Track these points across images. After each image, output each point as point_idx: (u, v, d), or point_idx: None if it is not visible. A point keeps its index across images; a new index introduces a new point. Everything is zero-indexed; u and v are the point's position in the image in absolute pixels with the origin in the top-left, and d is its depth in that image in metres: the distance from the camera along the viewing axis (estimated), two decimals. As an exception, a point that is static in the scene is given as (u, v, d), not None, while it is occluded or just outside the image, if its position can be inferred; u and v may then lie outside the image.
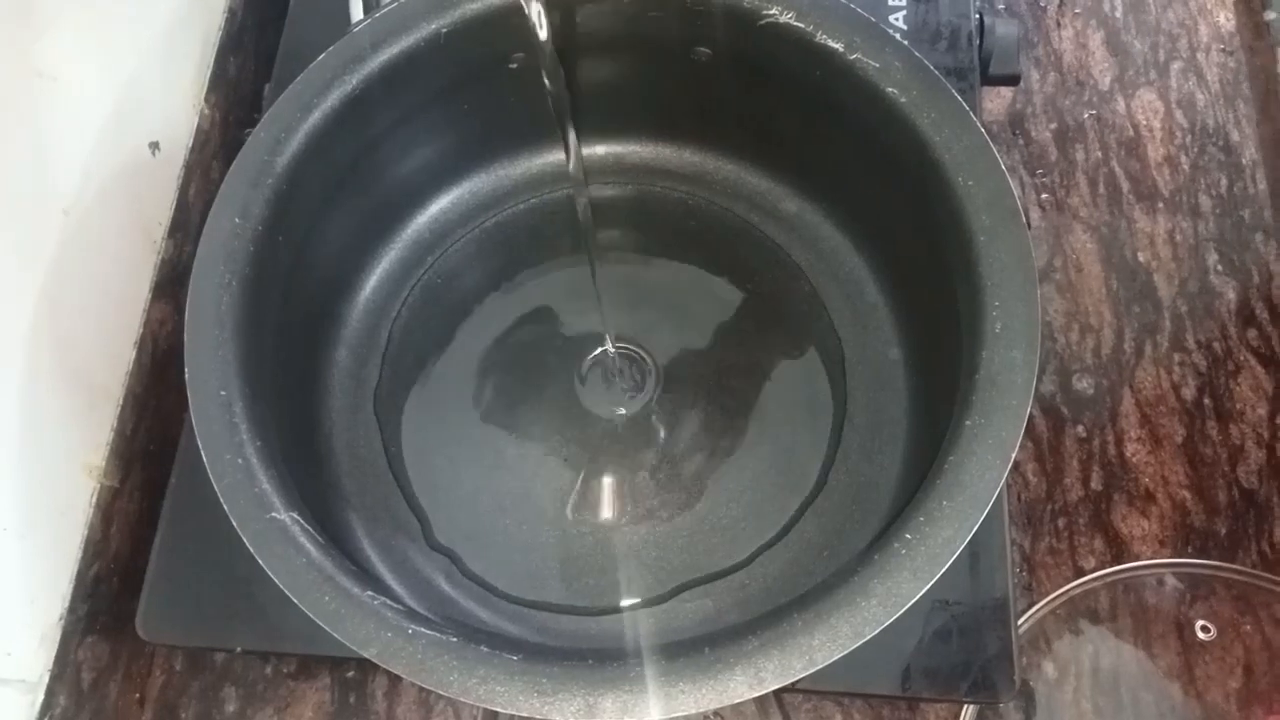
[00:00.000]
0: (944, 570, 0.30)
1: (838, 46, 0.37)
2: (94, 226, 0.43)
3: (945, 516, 0.31)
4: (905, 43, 0.37)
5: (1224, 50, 0.59)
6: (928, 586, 0.30)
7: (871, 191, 0.43)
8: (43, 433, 0.41)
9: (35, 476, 0.41)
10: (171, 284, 0.48)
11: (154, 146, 0.48)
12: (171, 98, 0.50)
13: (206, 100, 0.52)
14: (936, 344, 0.39)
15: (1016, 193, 0.35)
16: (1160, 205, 0.56)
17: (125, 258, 0.47)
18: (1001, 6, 0.61)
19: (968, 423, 0.32)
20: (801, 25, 0.38)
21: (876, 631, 0.29)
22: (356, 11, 0.51)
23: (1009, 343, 0.32)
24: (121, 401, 0.46)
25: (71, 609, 0.42)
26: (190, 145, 0.50)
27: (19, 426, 0.39)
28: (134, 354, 0.47)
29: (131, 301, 0.47)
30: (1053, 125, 0.58)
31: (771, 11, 0.38)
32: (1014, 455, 0.31)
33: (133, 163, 0.46)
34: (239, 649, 0.43)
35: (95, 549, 0.44)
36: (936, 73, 0.37)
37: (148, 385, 0.47)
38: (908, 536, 0.30)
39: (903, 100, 0.36)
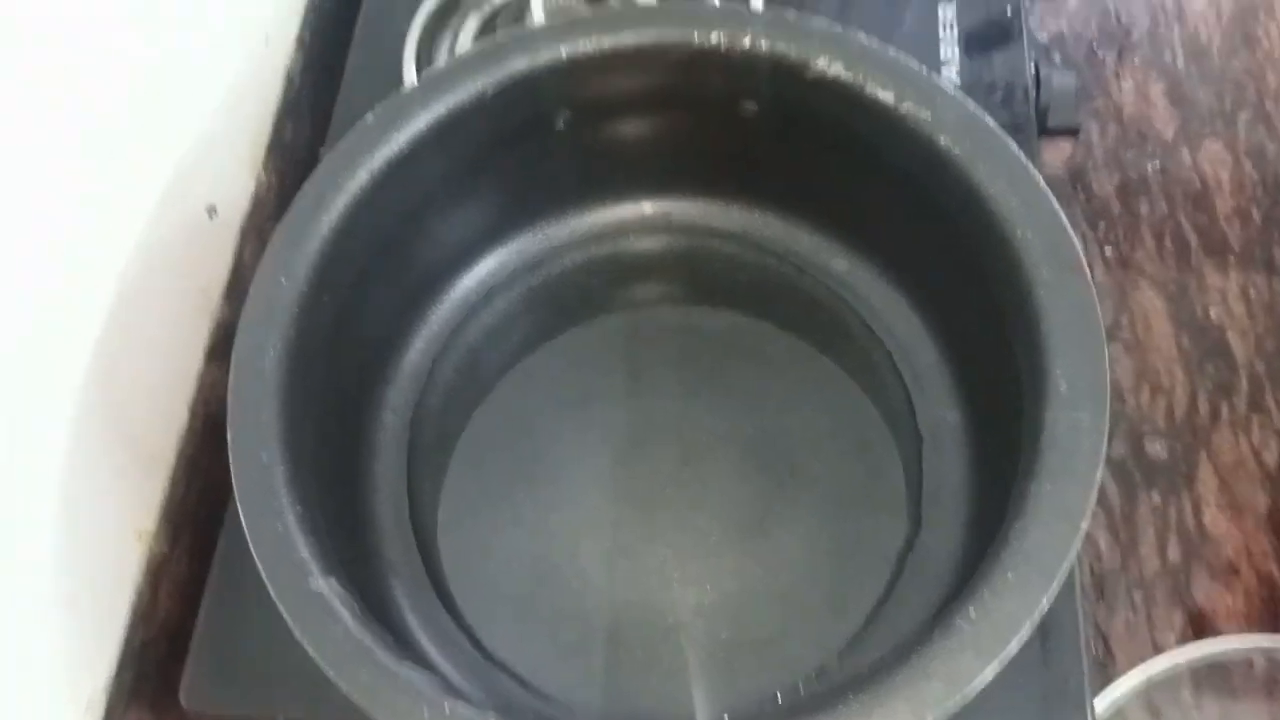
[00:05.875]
0: (1011, 648, 0.28)
1: (887, 98, 0.37)
2: (150, 291, 0.44)
3: (1011, 589, 0.29)
4: (957, 92, 0.36)
5: (1295, 99, 0.57)
6: (995, 666, 0.28)
7: (925, 247, 0.42)
8: (93, 497, 0.41)
9: (85, 541, 0.41)
10: (226, 347, 0.48)
11: (211, 211, 0.48)
12: (229, 163, 0.50)
13: (264, 165, 0.52)
14: (997, 406, 0.37)
15: (1080, 249, 0.34)
16: (1231, 260, 0.54)
17: (180, 321, 0.47)
18: (1058, 58, 0.60)
19: (1033, 488, 0.30)
20: (850, 77, 0.37)
21: (940, 716, 0.28)
22: (410, 76, 0.52)
23: (1075, 403, 0.31)
24: (173, 465, 0.46)
25: (118, 676, 0.42)
26: (247, 210, 0.51)
27: (69, 490, 0.39)
28: (187, 417, 0.47)
29: (186, 364, 0.47)
30: (1115, 179, 0.56)
31: (819, 64, 0.37)
32: (1085, 523, 0.30)
33: (189, 226, 0.47)
34: (282, 719, 0.43)
35: (143, 615, 0.43)
36: (990, 121, 0.36)
37: (199, 448, 0.47)
38: (971, 612, 0.29)
39: (955, 151, 0.35)
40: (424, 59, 0.53)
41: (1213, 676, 0.45)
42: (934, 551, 0.40)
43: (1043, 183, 0.34)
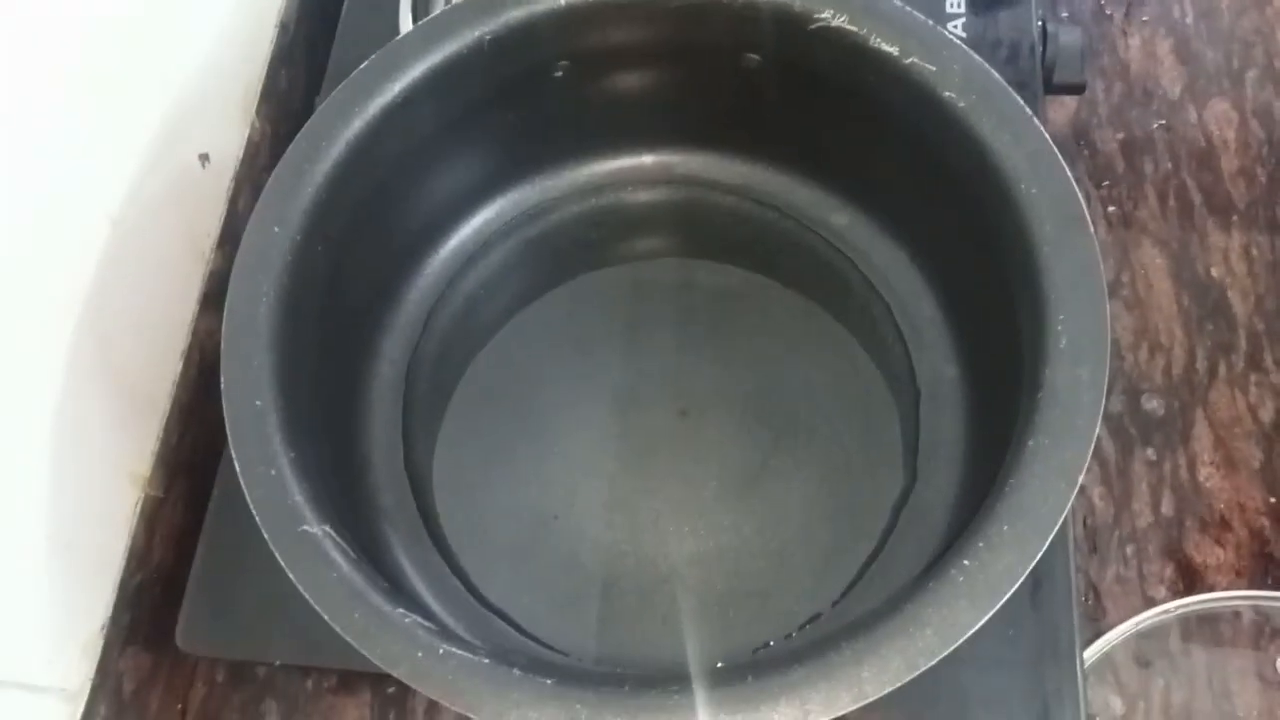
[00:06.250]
0: (1004, 600, 0.28)
1: (892, 50, 0.36)
2: (142, 237, 0.43)
3: (1006, 542, 0.29)
4: (962, 46, 0.36)
5: (1304, 57, 0.57)
6: (986, 617, 0.28)
7: (927, 201, 0.41)
8: (88, 442, 0.41)
9: (80, 485, 0.41)
10: (220, 295, 0.47)
11: (204, 159, 0.48)
12: (222, 110, 0.50)
13: (257, 113, 0.52)
14: (996, 361, 0.37)
15: (1082, 203, 0.33)
16: (1235, 219, 0.53)
17: (174, 269, 0.47)
18: (1065, 15, 0.59)
19: (1030, 443, 0.30)
20: (855, 29, 0.36)
21: (931, 664, 0.28)
22: (406, 24, 0.51)
23: (1075, 359, 0.31)
24: (168, 412, 0.46)
25: (114, 619, 0.42)
26: (240, 158, 0.51)
27: (64, 435, 0.39)
28: (181, 365, 0.47)
29: (179, 312, 0.47)
30: (1119, 136, 0.56)
31: (823, 15, 0.37)
32: (1080, 478, 0.30)
33: (182, 175, 0.47)
34: (277, 663, 0.43)
35: (139, 559, 0.44)
36: (996, 76, 0.35)
37: (194, 395, 0.47)
38: (965, 563, 0.29)
39: (960, 104, 0.35)
40: (421, 7, 0.52)
41: (1202, 628, 0.45)
42: (930, 505, 0.40)
43: (1048, 138, 0.34)
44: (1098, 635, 0.45)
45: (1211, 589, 0.46)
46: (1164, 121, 0.56)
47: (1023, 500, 0.29)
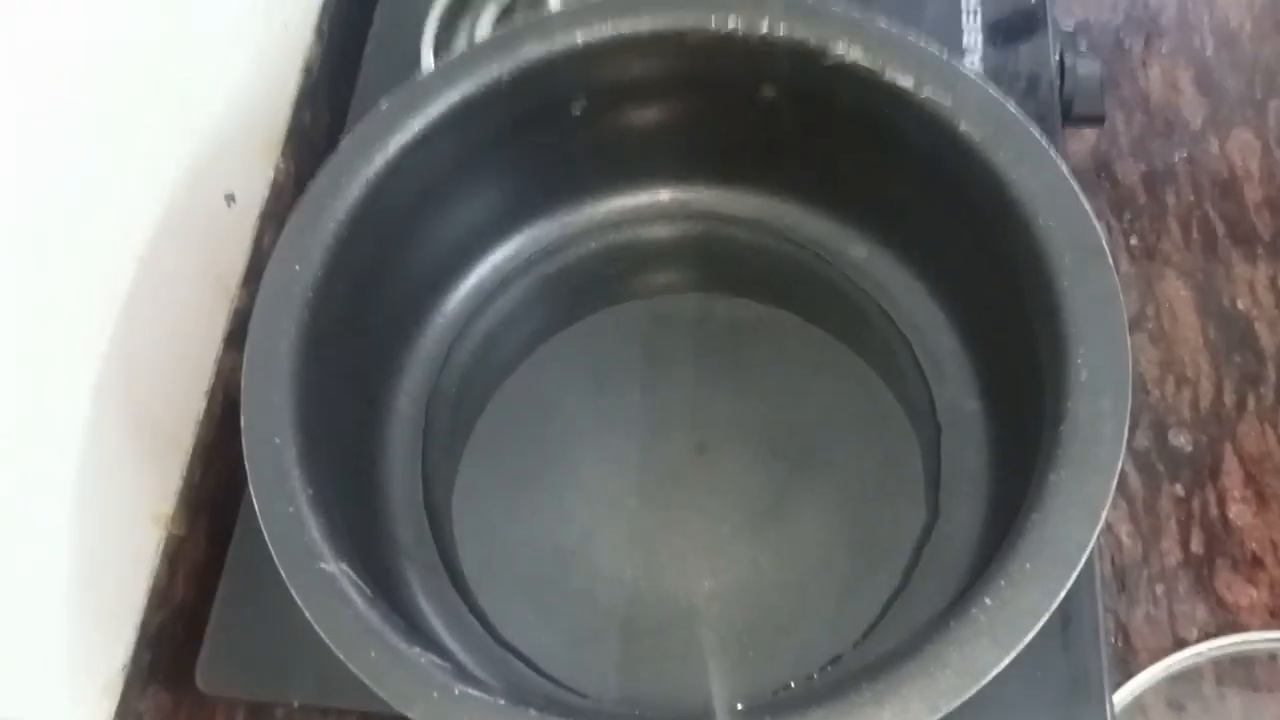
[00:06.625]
0: (1028, 639, 0.28)
1: (907, 84, 0.36)
2: (168, 276, 0.44)
3: (1029, 579, 0.28)
4: (978, 77, 0.36)
5: (1327, 86, 0.56)
6: (1010, 657, 0.27)
7: (944, 234, 0.41)
8: (112, 481, 0.41)
9: (103, 524, 0.41)
10: (244, 334, 0.48)
11: (229, 198, 0.48)
12: (247, 151, 0.50)
13: (282, 153, 0.52)
14: (1017, 394, 0.37)
15: (1103, 237, 0.33)
16: (1260, 250, 0.53)
17: (198, 308, 0.47)
18: (1084, 47, 0.59)
19: (1052, 477, 0.30)
20: (869, 63, 0.36)
21: (953, 706, 0.27)
22: (428, 64, 0.52)
23: (1096, 391, 0.30)
24: (191, 450, 0.46)
25: (135, 658, 0.42)
26: (266, 197, 0.51)
27: (88, 474, 0.40)
28: (204, 403, 0.47)
29: (204, 350, 0.47)
30: (1141, 168, 0.55)
31: (838, 49, 0.37)
32: (1104, 513, 0.29)
33: (208, 213, 0.47)
34: (296, 704, 0.43)
35: (161, 598, 0.44)
36: (1013, 107, 0.35)
37: (217, 433, 0.47)
38: (987, 602, 0.28)
39: (977, 137, 0.35)
40: (442, 47, 0.53)
41: (1235, 670, 0.44)
42: (951, 539, 0.39)
43: (1065, 168, 0.34)
44: (1128, 678, 0.44)
45: (1244, 630, 0.45)
46: (1186, 152, 0.55)
47: (1045, 535, 0.29)
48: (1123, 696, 0.43)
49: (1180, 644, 0.44)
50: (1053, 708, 0.37)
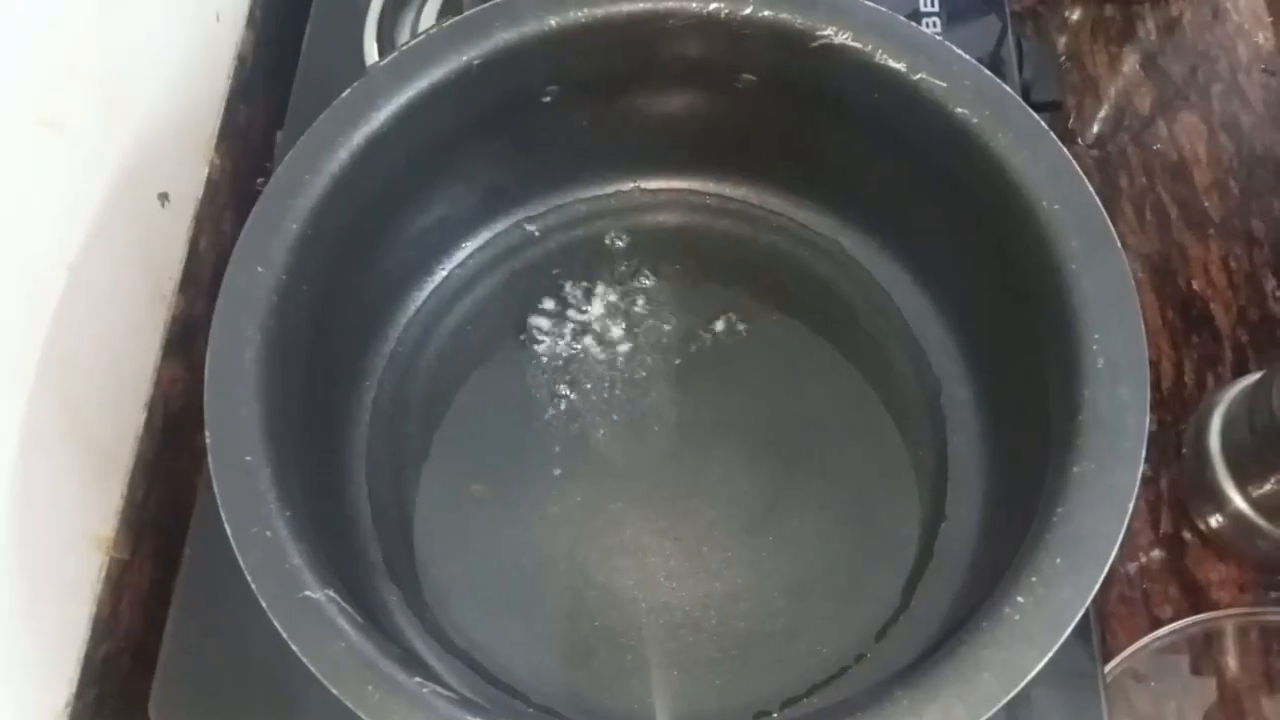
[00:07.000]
0: (1064, 637, 0.27)
1: (900, 67, 0.35)
2: (102, 283, 0.41)
3: (1061, 575, 0.28)
4: (973, 61, 0.35)
5: (1265, 70, 0.58)
6: (1048, 656, 0.27)
7: (935, 221, 0.41)
8: (47, 504, 0.38)
9: (39, 551, 0.38)
10: (183, 341, 0.46)
11: (163, 198, 0.45)
12: (180, 147, 0.48)
13: (216, 149, 0.50)
14: (1013, 382, 0.36)
15: (1107, 218, 0.33)
16: (1212, 231, 0.54)
17: (134, 315, 0.44)
18: (1032, 33, 0.60)
19: (1076, 469, 0.29)
20: (860, 45, 0.35)
21: (993, 711, 0.26)
22: (372, 54, 0.50)
23: (1114, 379, 0.30)
24: (131, 468, 0.43)
25: (79, 693, 0.39)
26: (201, 196, 0.48)
27: (21, 497, 0.37)
28: (144, 416, 0.44)
29: (141, 360, 0.44)
30: (1093, 153, 0.56)
31: (826, 32, 0.36)
32: (1132, 504, 0.28)
33: (141, 215, 0.44)
34: (258, 733, 0.40)
35: (104, 627, 0.41)
36: (1010, 90, 0.34)
37: (159, 449, 0.44)
38: (1020, 600, 0.27)
39: (974, 121, 0.34)
40: (385, 36, 0.50)
41: (1210, 645, 0.45)
42: (951, 534, 0.39)
43: (1067, 153, 0.33)
44: (1107, 658, 0.44)
45: (1216, 605, 0.45)
46: (1136, 137, 0.56)
47: (1073, 530, 0.28)
48: (1105, 677, 0.43)
49: (1156, 623, 0.45)
50: (1046, 690, 0.37)
